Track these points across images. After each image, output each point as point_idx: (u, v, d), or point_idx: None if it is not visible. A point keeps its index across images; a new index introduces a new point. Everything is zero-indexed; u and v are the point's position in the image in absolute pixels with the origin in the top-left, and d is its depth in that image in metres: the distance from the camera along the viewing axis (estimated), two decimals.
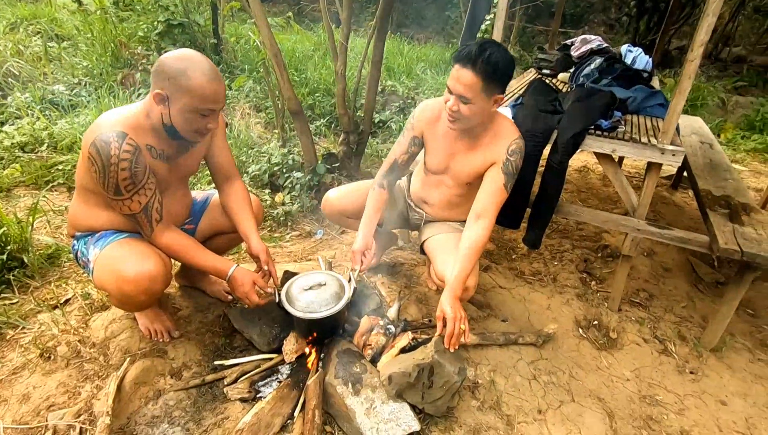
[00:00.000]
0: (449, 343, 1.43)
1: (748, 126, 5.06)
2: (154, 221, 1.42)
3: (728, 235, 1.76)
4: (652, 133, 1.92)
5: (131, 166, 1.30)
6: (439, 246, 1.77)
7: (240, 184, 1.68)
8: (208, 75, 1.28)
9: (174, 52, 1.29)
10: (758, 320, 2.22)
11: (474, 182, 1.70)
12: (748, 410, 1.73)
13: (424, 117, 1.71)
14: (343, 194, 1.91)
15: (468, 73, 1.40)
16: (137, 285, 1.37)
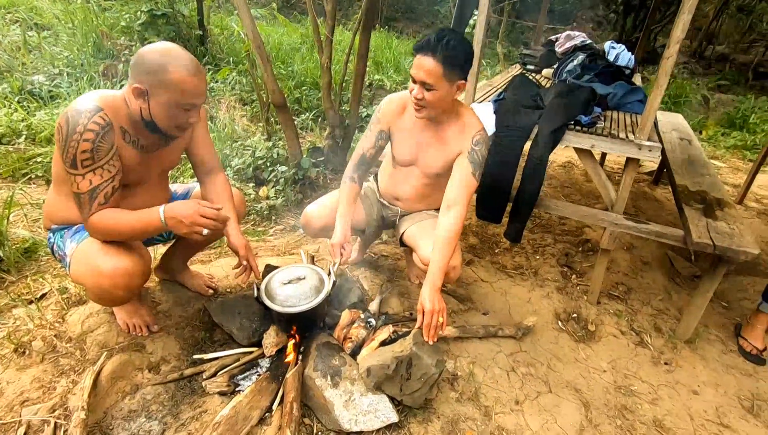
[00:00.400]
0: (428, 335, 1.45)
1: (728, 123, 5.16)
2: (96, 204, 1.28)
3: (702, 229, 1.80)
4: (630, 129, 1.95)
5: (96, 140, 1.23)
6: (419, 233, 1.79)
7: (222, 177, 1.66)
8: (189, 69, 1.25)
9: (154, 45, 1.26)
10: (732, 312, 2.27)
11: (443, 173, 1.72)
12: (718, 399, 1.78)
13: (389, 110, 1.73)
14: (324, 208, 1.84)
15: (429, 59, 1.44)
16: (115, 280, 1.35)
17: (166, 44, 1.27)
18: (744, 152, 4.50)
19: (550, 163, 3.93)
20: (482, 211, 2.13)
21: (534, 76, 2.94)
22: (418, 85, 1.49)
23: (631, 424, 1.64)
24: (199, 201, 1.36)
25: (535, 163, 1.93)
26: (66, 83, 4.15)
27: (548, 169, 3.80)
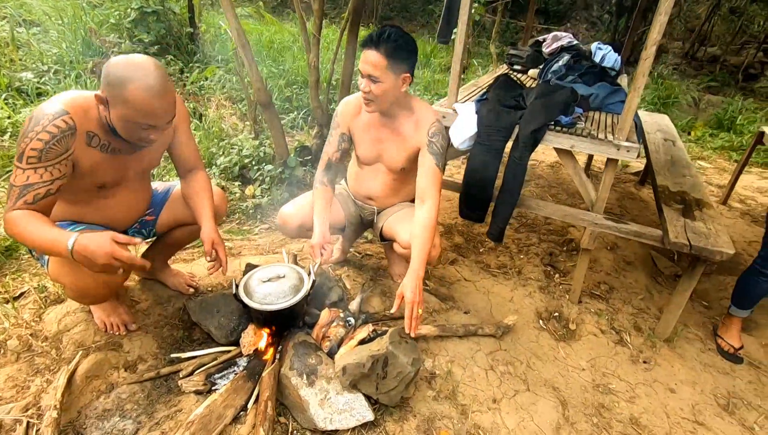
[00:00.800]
0: (410, 327, 1.46)
1: (717, 124, 5.20)
2: (22, 201, 1.21)
3: (679, 229, 1.82)
4: (610, 130, 1.96)
5: (50, 141, 1.20)
6: (396, 221, 1.84)
7: (202, 175, 1.65)
8: (150, 90, 1.21)
9: (124, 57, 1.23)
10: (711, 311, 2.30)
11: (407, 167, 1.79)
12: (695, 397, 1.80)
13: (346, 112, 1.79)
14: (300, 207, 1.86)
15: (373, 53, 1.52)
16: (95, 278, 1.35)
17: (136, 58, 1.24)
18: (730, 153, 4.53)
19: (538, 163, 3.95)
20: (465, 211, 2.14)
21: (520, 76, 2.95)
22: (366, 79, 1.57)
23: (608, 422, 1.65)
24: (115, 239, 1.17)
25: (515, 162, 1.94)
26: (54, 80, 4.12)
27: (536, 169, 3.81)
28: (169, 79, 1.26)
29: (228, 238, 2.49)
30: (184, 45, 4.99)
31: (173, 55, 4.77)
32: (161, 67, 1.26)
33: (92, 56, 4.49)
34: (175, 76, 4.59)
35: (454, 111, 2.11)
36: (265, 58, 5.44)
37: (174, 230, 1.77)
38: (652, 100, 5.53)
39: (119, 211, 1.54)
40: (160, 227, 1.70)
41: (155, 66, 1.24)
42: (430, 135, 1.67)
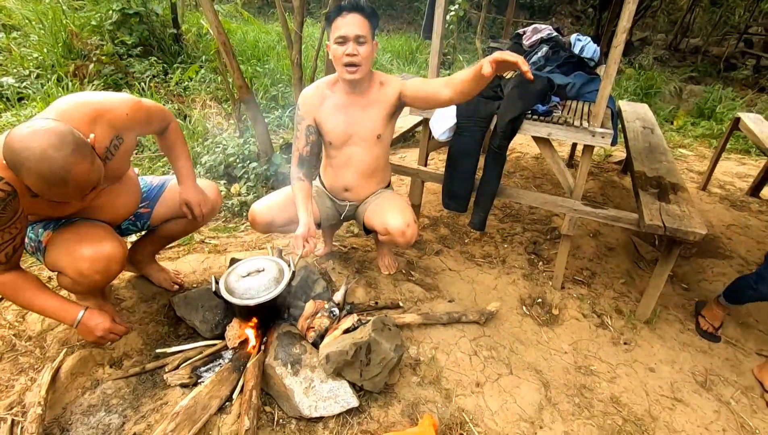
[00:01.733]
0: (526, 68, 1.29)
1: (698, 113, 5.29)
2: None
3: (654, 212, 1.86)
4: (586, 117, 2.00)
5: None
6: (379, 209, 1.88)
7: (173, 125, 1.65)
8: (43, 178, 1.09)
9: (21, 134, 1.08)
10: (691, 293, 2.35)
11: (383, 133, 1.81)
12: (673, 375, 1.84)
13: (308, 104, 1.79)
14: (270, 205, 1.86)
15: (357, 15, 1.57)
16: (94, 264, 1.37)
17: (33, 135, 1.08)
18: (711, 141, 4.62)
19: (523, 155, 4.00)
20: (447, 201, 2.17)
21: None
22: (352, 43, 1.59)
23: (589, 402, 1.69)
24: (113, 320, 1.46)
25: (494, 152, 1.98)
26: (35, 84, 4.09)
27: (521, 161, 3.86)
28: (77, 155, 1.12)
29: (214, 235, 2.50)
30: (167, 46, 4.97)
31: (157, 57, 4.75)
32: (65, 145, 1.10)
33: (74, 59, 4.46)
34: (159, 78, 4.58)
35: None
36: (250, 57, 5.44)
37: (168, 223, 1.77)
38: (634, 90, 5.61)
39: (106, 212, 1.55)
40: (154, 220, 1.72)
41: (54, 147, 1.08)
42: (403, 86, 1.72)
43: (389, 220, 1.80)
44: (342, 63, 1.62)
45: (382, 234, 1.82)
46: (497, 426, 1.54)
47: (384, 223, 1.80)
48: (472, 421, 1.53)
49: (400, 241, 1.80)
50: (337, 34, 1.59)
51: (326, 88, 1.78)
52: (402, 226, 1.77)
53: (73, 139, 1.13)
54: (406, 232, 1.78)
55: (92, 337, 1.42)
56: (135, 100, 1.46)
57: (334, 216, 2.04)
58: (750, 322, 2.15)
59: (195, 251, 2.27)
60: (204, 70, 4.57)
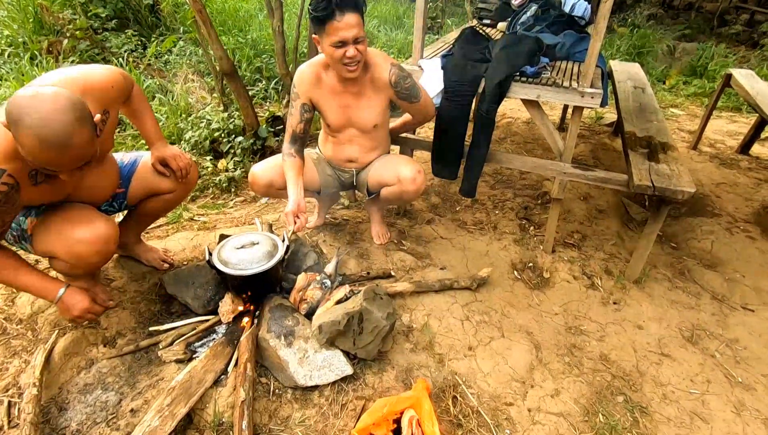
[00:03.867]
0: None
1: (690, 71, 5.21)
2: None
3: (644, 172, 1.86)
4: (576, 78, 1.95)
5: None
6: (387, 163, 1.94)
7: (136, 88, 1.59)
8: (44, 141, 1.06)
9: (30, 93, 1.07)
10: (680, 252, 2.38)
11: (380, 123, 1.85)
12: (661, 332, 1.89)
13: (304, 82, 1.77)
14: (269, 167, 1.88)
15: (353, 15, 1.50)
16: (90, 245, 1.36)
17: (38, 96, 1.07)
18: (702, 99, 4.57)
19: (514, 120, 3.95)
20: (437, 168, 2.15)
21: (488, 30, 2.89)
22: (351, 45, 1.54)
23: (579, 360, 1.73)
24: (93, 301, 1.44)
25: (483, 116, 1.94)
26: (9, 64, 3.93)
27: (512, 127, 3.81)
28: (81, 124, 1.11)
29: (203, 212, 2.47)
30: (143, 18, 4.77)
31: (133, 30, 4.57)
32: (71, 110, 1.08)
33: (46, 35, 4.27)
34: (137, 52, 4.41)
35: (419, 68, 2.07)
36: (231, 27, 5.24)
37: (147, 201, 1.74)
38: (627, 49, 5.50)
39: (91, 194, 1.51)
40: (131, 199, 1.68)
41: (59, 111, 1.07)
42: (393, 84, 1.73)
43: (400, 169, 1.83)
44: (342, 63, 1.59)
45: (393, 183, 1.85)
46: (489, 387, 1.58)
47: (396, 172, 1.83)
48: (465, 383, 1.57)
49: (410, 188, 1.82)
50: (334, 40, 1.53)
51: (321, 69, 1.76)
52: (413, 173, 1.81)
53: (81, 107, 1.13)
54: (417, 179, 1.81)
55: (69, 315, 1.40)
56: (109, 69, 1.42)
57: (333, 184, 2.06)
58: (736, 277, 2.19)
59: (184, 229, 2.24)
60: (183, 43, 4.40)
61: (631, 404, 1.58)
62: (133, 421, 1.32)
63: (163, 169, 1.66)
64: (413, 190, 1.84)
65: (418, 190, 1.85)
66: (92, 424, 1.32)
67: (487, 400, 1.53)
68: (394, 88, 1.74)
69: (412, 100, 1.81)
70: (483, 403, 1.52)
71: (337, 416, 1.41)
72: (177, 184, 1.71)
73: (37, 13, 4.29)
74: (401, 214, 2.46)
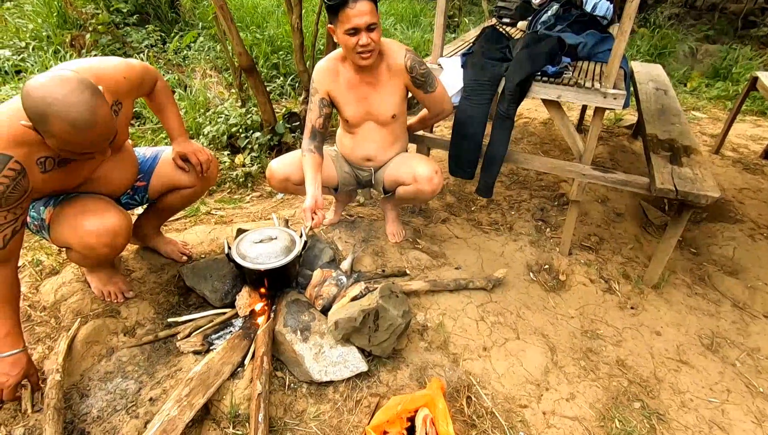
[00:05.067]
0: None
1: (713, 74, 5.10)
2: None
3: (666, 175, 1.82)
4: (598, 78, 1.92)
5: (4, 191, 1.16)
6: (403, 162, 1.92)
7: (161, 83, 1.62)
8: (75, 124, 1.09)
9: (41, 84, 1.08)
10: (700, 258, 2.33)
11: (398, 113, 1.85)
12: (680, 338, 1.85)
13: (322, 77, 1.79)
14: (287, 162, 1.89)
15: (365, 2, 1.53)
16: (100, 237, 1.38)
17: (54, 82, 1.08)
18: (726, 102, 4.47)
19: (531, 121, 3.91)
20: (454, 168, 2.13)
21: (508, 29, 2.87)
22: (364, 33, 1.56)
23: (595, 365, 1.71)
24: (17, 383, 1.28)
25: (502, 116, 1.92)
26: (33, 57, 4.01)
27: (529, 127, 3.77)
28: (98, 99, 1.14)
29: (220, 207, 2.50)
30: (164, 14, 4.83)
31: (154, 25, 4.63)
32: (86, 88, 1.11)
33: (69, 30, 4.35)
34: (157, 47, 4.47)
35: (439, 66, 2.06)
36: (249, 24, 5.27)
37: (167, 195, 1.77)
38: (648, 50, 5.40)
39: (107, 184, 1.54)
40: (152, 193, 1.71)
41: (77, 90, 1.10)
42: (408, 69, 1.75)
43: (417, 168, 1.82)
44: (355, 51, 1.61)
45: (409, 183, 1.84)
46: (504, 388, 1.57)
47: (412, 170, 1.83)
48: (479, 383, 1.56)
49: (426, 188, 1.81)
50: (347, 27, 1.55)
51: (339, 63, 1.78)
52: (430, 173, 1.80)
53: (90, 84, 1.14)
54: (434, 179, 1.80)
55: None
56: (126, 62, 1.45)
57: (351, 181, 2.08)
58: (758, 285, 2.14)
59: (201, 223, 2.27)
60: (202, 39, 4.45)
61: (648, 411, 1.56)
62: (152, 409, 1.34)
63: (183, 164, 1.69)
64: (429, 191, 1.83)
65: (435, 190, 1.84)
66: (112, 412, 1.34)
67: (501, 402, 1.52)
68: (409, 72, 1.75)
69: (427, 89, 1.81)
70: (497, 405, 1.51)
71: (352, 412, 1.41)
72: (197, 179, 1.73)
73: (61, 8, 4.37)
74: (416, 213, 2.45)
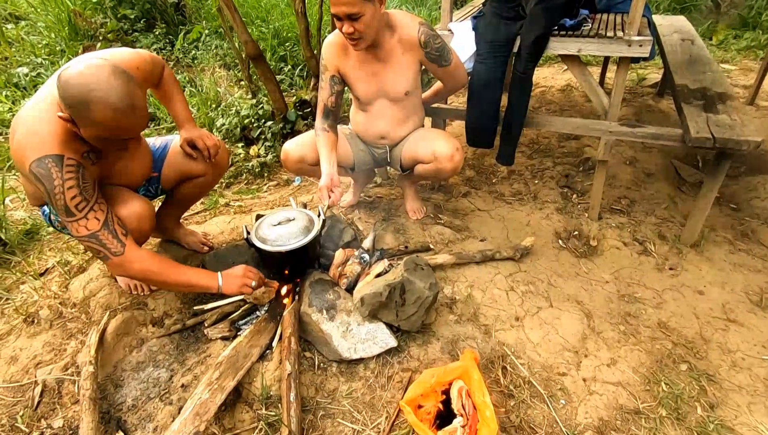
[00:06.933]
0: None
1: (741, 24, 4.80)
2: (120, 235, 1.29)
3: (701, 124, 1.70)
4: (620, 28, 1.81)
5: (78, 184, 1.20)
6: (422, 138, 1.86)
7: (167, 71, 1.60)
8: (116, 108, 1.11)
9: (78, 71, 1.11)
10: (741, 213, 2.20)
11: (411, 89, 1.77)
12: (725, 297, 1.75)
13: (331, 53, 1.73)
14: (301, 143, 1.86)
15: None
16: (127, 224, 1.38)
17: (90, 69, 1.11)
18: (757, 52, 4.20)
19: (548, 88, 3.76)
20: (472, 138, 2.06)
21: None
22: (345, 21, 1.48)
23: (635, 329, 1.63)
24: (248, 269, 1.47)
25: (519, 77, 1.84)
26: (48, 72, 4.10)
27: (547, 95, 3.64)
28: (133, 83, 1.16)
29: (238, 197, 2.50)
30: (170, 17, 4.86)
31: (161, 29, 4.66)
32: (121, 73, 1.14)
33: (81, 41, 4.43)
34: (166, 50, 4.51)
35: (449, 31, 1.98)
36: (254, 18, 5.26)
37: (182, 185, 1.76)
38: (669, 5, 5.13)
39: (125, 176, 1.54)
40: (165, 183, 1.70)
41: (114, 75, 1.12)
42: (422, 45, 1.66)
43: (437, 146, 1.76)
44: (344, 36, 1.56)
45: (428, 161, 1.78)
46: (540, 357, 1.51)
47: (432, 149, 1.76)
48: (514, 353, 1.51)
49: (447, 166, 1.76)
50: (332, 11, 1.50)
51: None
52: (451, 150, 1.74)
53: (123, 69, 1.16)
54: (455, 156, 1.74)
55: (238, 291, 1.44)
56: (136, 52, 1.43)
57: (367, 161, 2.02)
58: None
59: (220, 214, 2.27)
60: (208, 37, 4.46)
61: (696, 372, 1.47)
62: (184, 395, 1.34)
63: (191, 150, 1.66)
64: (450, 169, 1.77)
65: (456, 168, 1.78)
66: (146, 399, 1.35)
67: (538, 371, 1.46)
68: (423, 48, 1.66)
69: (442, 63, 1.73)
70: (534, 374, 1.45)
71: (384, 388, 1.38)
72: (208, 166, 1.70)
73: (71, 20, 4.44)
74: (435, 189, 2.39)
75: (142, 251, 1.33)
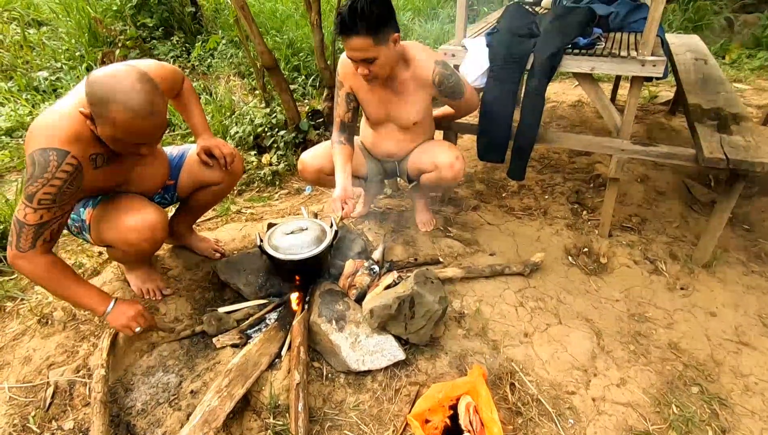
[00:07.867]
0: None
1: (754, 44, 4.80)
2: (40, 241, 1.25)
3: (715, 144, 1.70)
4: (633, 47, 1.82)
5: (61, 186, 1.20)
6: (425, 150, 1.88)
7: (187, 83, 1.64)
8: (135, 111, 1.14)
9: (106, 73, 1.15)
10: (754, 234, 2.18)
11: (420, 120, 1.80)
12: (738, 319, 1.73)
13: (347, 72, 1.75)
14: (318, 154, 1.89)
15: (358, 39, 1.46)
16: (140, 233, 1.41)
17: (118, 72, 1.15)
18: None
19: (559, 104, 3.78)
20: (483, 152, 2.07)
21: (531, 7, 2.78)
22: (360, 64, 1.52)
23: (645, 349, 1.62)
24: (142, 310, 1.44)
25: (532, 94, 1.85)
26: (67, 76, 4.20)
27: (557, 111, 3.65)
28: (156, 92, 1.19)
29: (249, 205, 2.52)
30: (187, 26, 4.97)
31: (178, 37, 4.76)
32: (147, 81, 1.17)
33: (100, 47, 4.53)
34: (182, 58, 4.60)
35: (463, 47, 2.01)
36: (269, 29, 5.35)
37: (197, 193, 1.78)
38: (681, 24, 5.14)
39: (142, 184, 1.57)
40: (181, 191, 1.73)
41: (139, 81, 1.15)
42: (437, 84, 1.68)
43: (438, 155, 1.79)
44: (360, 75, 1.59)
45: (430, 170, 1.81)
46: (549, 375, 1.50)
47: (433, 158, 1.80)
48: (522, 370, 1.50)
49: (448, 174, 1.77)
50: (346, 54, 1.55)
51: None
52: (451, 159, 1.76)
53: (150, 78, 1.20)
54: (455, 165, 1.76)
55: (119, 324, 1.40)
56: (159, 64, 1.48)
57: (378, 171, 2.06)
58: None
59: (232, 221, 2.30)
60: (225, 46, 4.54)
61: (708, 395, 1.45)
62: (193, 401, 1.35)
63: (207, 159, 1.69)
64: (451, 176, 1.79)
65: (457, 175, 1.80)
66: (156, 404, 1.36)
67: (547, 389, 1.45)
68: (437, 87, 1.69)
69: (456, 98, 1.76)
70: (543, 392, 1.44)
71: (392, 401, 1.38)
72: (223, 174, 1.73)
73: (92, 27, 4.56)
74: (446, 202, 2.40)
75: (43, 258, 1.27)
